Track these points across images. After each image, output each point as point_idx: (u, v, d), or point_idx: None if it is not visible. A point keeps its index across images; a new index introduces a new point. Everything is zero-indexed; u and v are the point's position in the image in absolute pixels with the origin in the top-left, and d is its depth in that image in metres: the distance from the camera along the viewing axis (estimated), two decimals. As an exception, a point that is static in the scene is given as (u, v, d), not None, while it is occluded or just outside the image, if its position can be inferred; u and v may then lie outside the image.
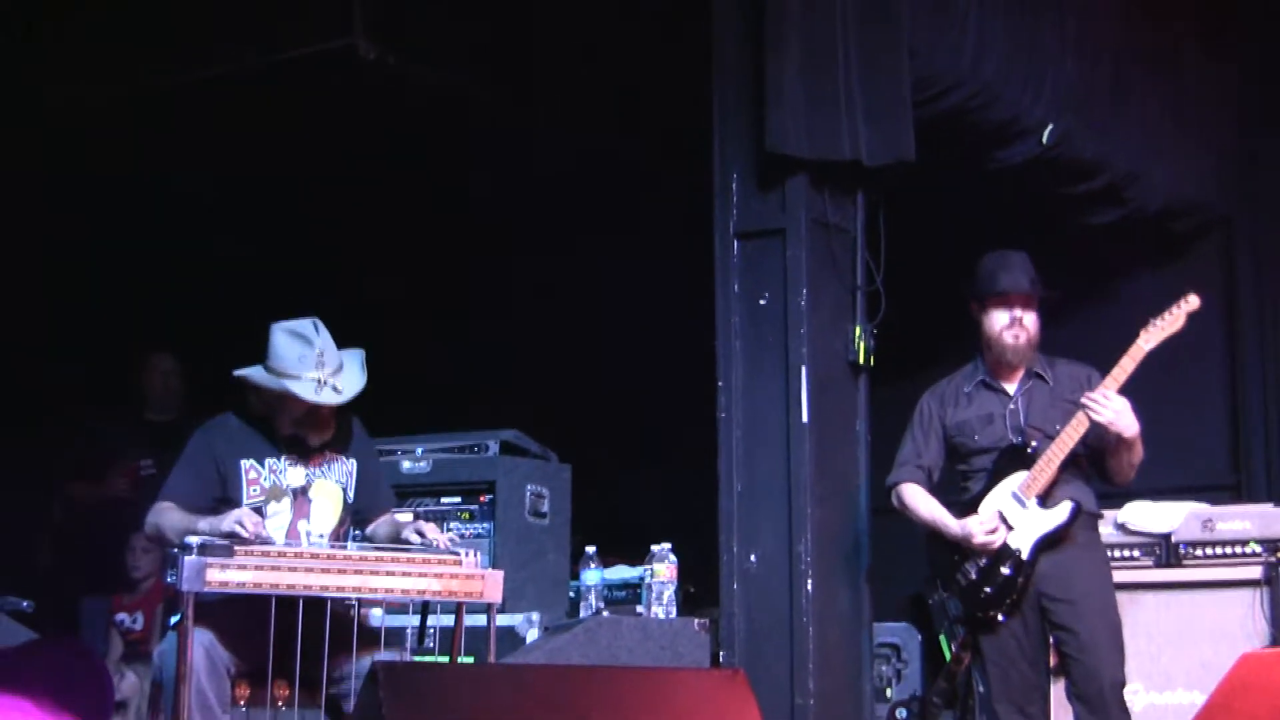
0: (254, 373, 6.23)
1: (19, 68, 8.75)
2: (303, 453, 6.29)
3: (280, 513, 6.18)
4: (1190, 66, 9.26)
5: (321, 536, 6.15)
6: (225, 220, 9.97)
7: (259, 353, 6.25)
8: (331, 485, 6.33)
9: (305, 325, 6.24)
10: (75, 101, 8.85)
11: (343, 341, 6.30)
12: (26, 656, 5.47)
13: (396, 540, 6.21)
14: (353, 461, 6.42)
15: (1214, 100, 9.44)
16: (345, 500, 6.35)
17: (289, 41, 8.15)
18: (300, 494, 6.21)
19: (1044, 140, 8.25)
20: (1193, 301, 6.80)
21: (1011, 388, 7.01)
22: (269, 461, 6.26)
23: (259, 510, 6.10)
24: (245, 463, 6.24)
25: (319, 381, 6.16)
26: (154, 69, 8.55)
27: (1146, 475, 7.09)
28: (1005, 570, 6.78)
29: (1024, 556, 6.76)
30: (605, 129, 9.08)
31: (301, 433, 6.26)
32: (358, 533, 6.44)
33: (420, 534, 6.18)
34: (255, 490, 6.20)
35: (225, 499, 6.14)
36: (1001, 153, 8.29)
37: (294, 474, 6.26)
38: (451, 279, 10.49)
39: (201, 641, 5.82)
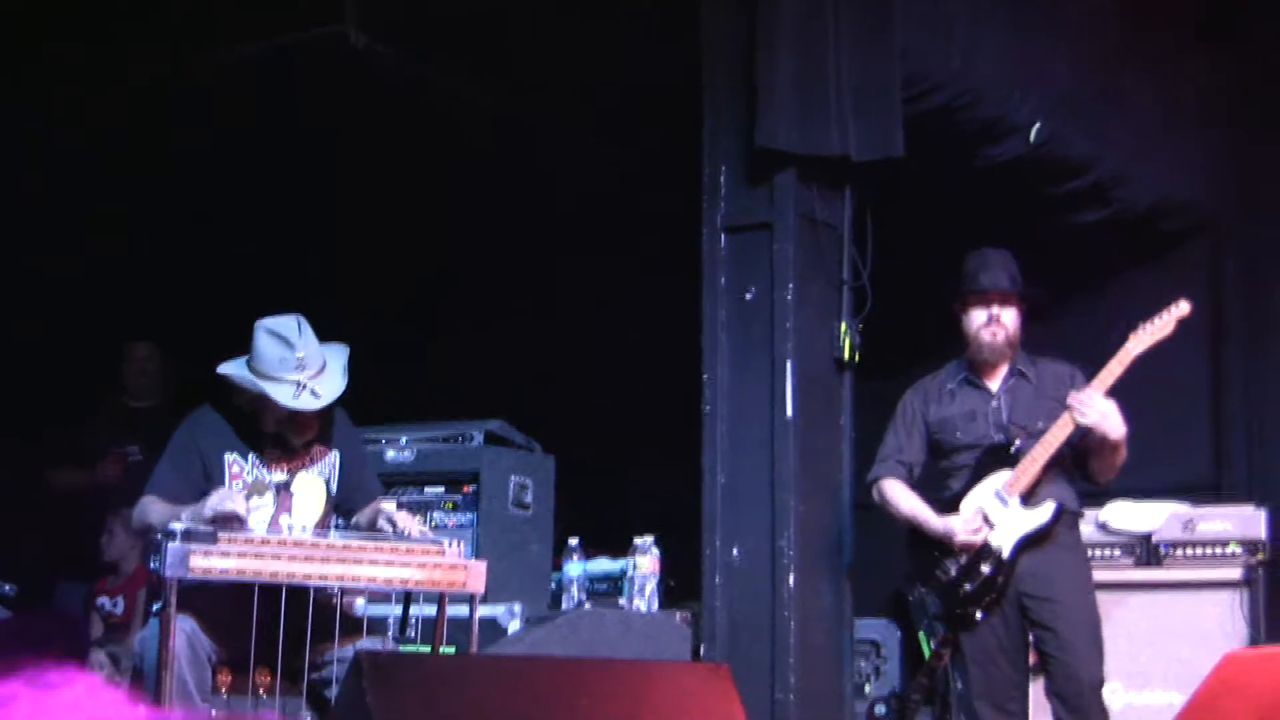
0: (236, 372, 6.22)
1: (16, 65, 8.75)
2: (285, 447, 6.31)
3: (263, 506, 6.18)
4: (1183, 69, 9.28)
5: (304, 529, 6.17)
6: (215, 211, 9.95)
7: (246, 344, 6.28)
8: (314, 479, 6.34)
9: (288, 326, 6.20)
10: (72, 97, 8.85)
11: (331, 334, 6.32)
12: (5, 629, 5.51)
13: (373, 527, 6.24)
14: (335, 453, 6.42)
15: (1206, 103, 9.46)
16: (329, 493, 6.37)
17: (279, 29, 8.16)
18: (283, 489, 6.23)
19: (1031, 139, 8.28)
20: (1183, 308, 6.84)
21: (994, 385, 7.05)
22: (252, 456, 6.28)
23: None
24: (229, 456, 6.25)
25: (299, 385, 6.14)
26: (145, 59, 8.55)
27: (1128, 475, 7.13)
28: (986, 568, 6.81)
29: (1005, 555, 6.80)
30: (591, 122, 9.09)
31: (284, 431, 6.28)
32: (341, 522, 6.46)
33: (392, 522, 6.20)
34: (238, 485, 6.21)
35: (208, 492, 6.15)
36: (990, 150, 8.30)
37: (276, 468, 6.29)
38: (442, 272, 10.49)
39: (184, 628, 5.83)
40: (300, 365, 6.15)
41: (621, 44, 8.23)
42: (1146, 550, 8.33)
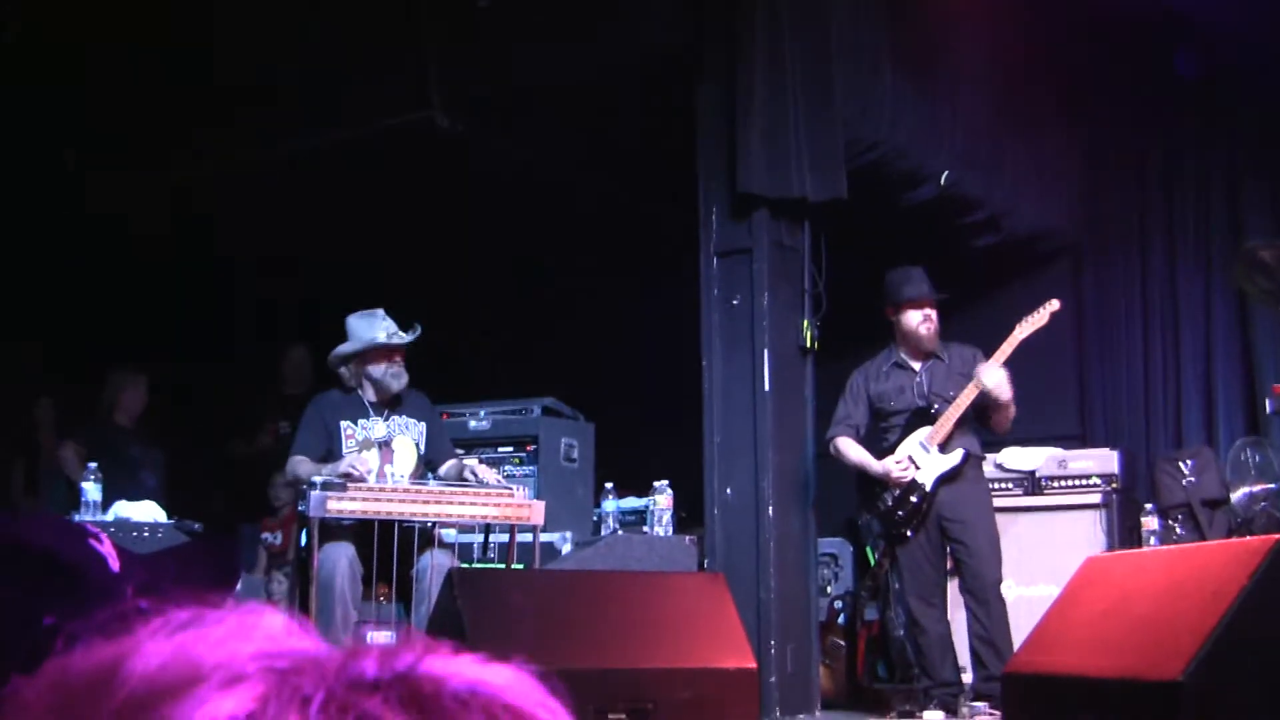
0: (345, 346, 6.32)
1: (128, 140, 8.62)
2: (383, 414, 6.32)
3: (370, 459, 6.19)
4: (1049, 128, 9.23)
5: (402, 477, 6.16)
6: (339, 251, 9.84)
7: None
8: (408, 440, 6.36)
9: (365, 311, 6.42)
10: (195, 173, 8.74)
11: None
12: (180, 553, 5.46)
13: (460, 478, 6.24)
14: (423, 424, 6.45)
15: (1066, 153, 9.42)
16: (419, 452, 6.37)
17: (375, 115, 8.09)
18: (384, 446, 6.24)
19: (941, 184, 8.23)
20: (1054, 304, 6.92)
21: (917, 366, 7.07)
22: (361, 421, 6.30)
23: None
24: (344, 423, 6.28)
25: (389, 334, 6.25)
26: (244, 142, 8.45)
27: (1018, 428, 7.21)
28: (913, 499, 6.80)
29: (927, 489, 6.79)
30: (619, 179, 9.03)
31: (387, 382, 6.28)
32: (430, 475, 6.45)
33: (474, 473, 6.21)
34: (351, 444, 6.23)
35: (331, 450, 6.19)
36: (910, 193, 8.27)
37: (379, 429, 6.29)
38: (511, 287, 10.37)
39: (346, 553, 5.85)
40: (386, 324, 6.31)
41: (640, 122, 8.17)
42: (1032, 483, 8.27)
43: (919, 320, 6.98)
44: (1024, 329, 6.84)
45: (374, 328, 6.29)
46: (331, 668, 0.79)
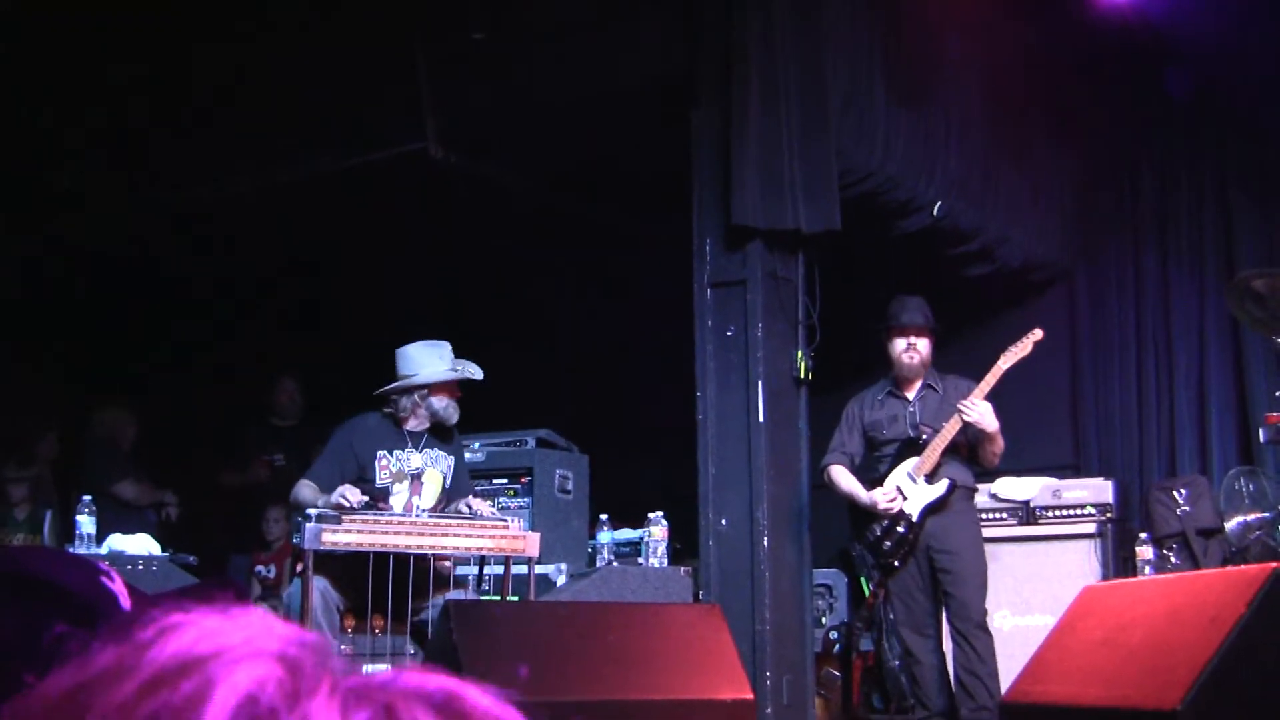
0: (427, 374, 6.26)
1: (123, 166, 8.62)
2: (419, 445, 6.31)
3: (401, 491, 6.18)
4: (1041, 157, 9.27)
5: (426, 510, 6.14)
6: (341, 280, 9.85)
7: (359, 373, 6.30)
8: (437, 474, 6.36)
9: (432, 341, 6.39)
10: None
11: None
12: (188, 593, 5.44)
13: (456, 510, 6.24)
14: (452, 458, 6.43)
15: (1059, 182, 9.45)
16: (444, 485, 6.37)
17: (369, 145, 8.11)
18: (416, 478, 6.21)
19: (934, 214, 8.25)
20: (1038, 334, 6.93)
21: (911, 395, 7.08)
22: (397, 453, 6.27)
23: (386, 490, 6.12)
24: (380, 453, 6.25)
25: (453, 369, 6.32)
26: (241, 172, 8.45)
27: (1012, 458, 7.18)
28: (900, 529, 6.84)
29: (914, 519, 6.83)
30: (614, 208, 9.05)
31: (447, 414, 6.33)
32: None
33: (469, 506, 6.21)
34: (386, 474, 6.22)
35: (362, 479, 6.14)
36: (903, 223, 8.27)
37: (414, 461, 6.27)
38: (505, 318, 10.38)
39: (318, 586, 5.83)
40: (451, 356, 6.33)
41: (635, 153, 8.19)
42: (1026, 512, 8.29)
43: (902, 348, 7.03)
44: (1007, 360, 6.87)
45: (442, 360, 6.30)
46: (340, 665, 0.83)
